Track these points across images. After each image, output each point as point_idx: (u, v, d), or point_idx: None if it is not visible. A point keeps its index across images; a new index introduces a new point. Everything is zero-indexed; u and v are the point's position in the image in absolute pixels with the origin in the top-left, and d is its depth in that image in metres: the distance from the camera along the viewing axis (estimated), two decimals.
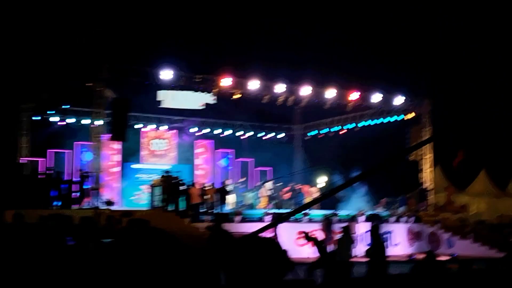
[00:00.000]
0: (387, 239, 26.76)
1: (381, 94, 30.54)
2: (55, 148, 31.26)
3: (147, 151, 34.15)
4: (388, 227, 27.04)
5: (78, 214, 18.92)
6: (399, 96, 31.00)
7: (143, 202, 30.32)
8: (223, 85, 27.35)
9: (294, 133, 39.05)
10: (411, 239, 27.92)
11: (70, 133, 31.33)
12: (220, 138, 36.35)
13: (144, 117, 33.76)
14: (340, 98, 30.01)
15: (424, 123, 32.01)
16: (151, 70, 26.34)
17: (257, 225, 21.49)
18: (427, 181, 32.17)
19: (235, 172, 35.62)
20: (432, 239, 28.16)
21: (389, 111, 32.47)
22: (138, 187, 32.40)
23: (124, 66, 25.75)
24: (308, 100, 29.75)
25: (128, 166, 32.71)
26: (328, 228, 24.27)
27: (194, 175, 33.26)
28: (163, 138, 34.68)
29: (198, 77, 26.84)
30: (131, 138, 29.27)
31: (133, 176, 32.79)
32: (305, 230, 12.91)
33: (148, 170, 32.61)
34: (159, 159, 34.08)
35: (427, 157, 32.24)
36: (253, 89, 28.09)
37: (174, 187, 25.19)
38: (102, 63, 24.86)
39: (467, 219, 30.01)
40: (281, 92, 28.68)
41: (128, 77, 25.84)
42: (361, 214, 27.11)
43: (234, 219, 24.39)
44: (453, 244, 27.19)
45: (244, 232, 21.00)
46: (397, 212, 29.74)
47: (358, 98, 30.04)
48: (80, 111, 31.40)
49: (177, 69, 26.75)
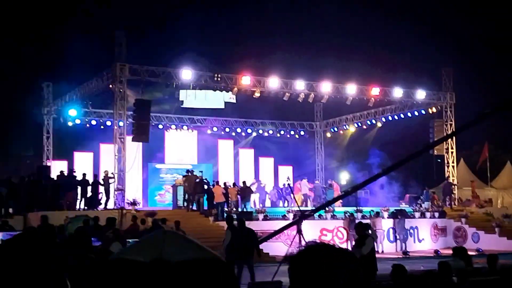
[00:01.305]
0: (411, 234, 26.61)
1: (401, 89, 30.29)
2: (79, 150, 31.55)
3: (169, 151, 34.34)
4: (413, 222, 26.86)
5: (104, 214, 19.19)
6: (421, 90, 30.71)
7: (166, 202, 30.51)
8: (243, 83, 27.35)
9: (315, 130, 38.91)
10: (436, 235, 27.69)
11: (94, 134, 31.61)
12: (241, 137, 36.41)
13: (165, 117, 33.93)
14: (361, 94, 29.83)
15: (448, 117, 31.68)
16: (172, 70, 26.44)
17: (280, 223, 21.49)
18: (452, 176, 31.85)
19: (257, 171, 35.65)
20: (458, 234, 27.91)
21: (411, 105, 32.19)
22: (162, 187, 32.61)
23: (144, 67, 25.89)
24: (328, 97, 29.61)
25: (151, 166, 32.93)
26: (350, 225, 24.19)
27: (216, 174, 33.36)
28: (185, 138, 34.83)
29: (218, 76, 26.86)
30: (153, 138, 29.45)
31: (157, 176, 33.00)
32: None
33: (171, 170, 32.80)
34: (182, 158, 34.24)
35: (451, 151, 31.90)
36: (273, 87, 28.05)
37: (197, 186, 25.28)
38: (122, 65, 25.02)
39: (493, 213, 29.66)
40: (301, 89, 28.60)
41: (149, 78, 25.97)
42: (386, 210, 26.95)
43: (257, 217, 24.41)
44: (479, 239, 26.91)
45: (268, 230, 21.03)
46: (421, 207, 29.50)
47: (378, 93, 29.82)
48: (102, 113, 31.65)
49: (197, 69, 26.83)
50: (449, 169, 31.92)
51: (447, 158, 31.95)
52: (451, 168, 31.90)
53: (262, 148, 36.67)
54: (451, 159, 31.89)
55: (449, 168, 31.93)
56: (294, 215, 24.03)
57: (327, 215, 25.62)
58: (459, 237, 27.71)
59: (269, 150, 36.91)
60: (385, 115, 33.68)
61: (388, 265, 11.52)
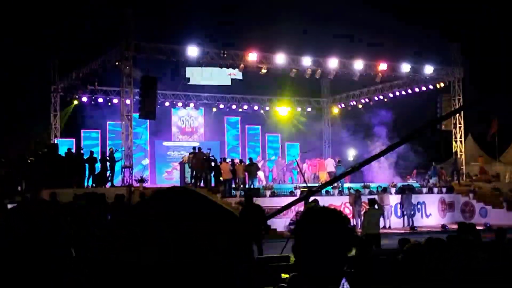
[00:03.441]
0: (419, 209, 26.66)
1: (409, 65, 30.08)
2: (86, 128, 31.64)
3: (177, 128, 34.39)
4: (420, 198, 26.90)
5: (112, 192, 19.29)
6: (429, 65, 30.50)
7: (174, 179, 30.62)
8: (249, 60, 27.23)
9: (322, 106, 38.80)
10: (444, 210, 27.72)
11: (101, 112, 31.66)
12: (248, 114, 36.35)
13: (172, 94, 33.90)
14: (368, 70, 29.66)
15: (455, 92, 31.49)
16: (178, 47, 26.34)
17: (288, 199, 21.56)
18: (460, 151, 31.76)
19: (264, 148, 35.70)
20: (465, 209, 27.93)
21: (419, 80, 32.00)
22: (169, 164, 32.71)
23: (151, 44, 25.80)
24: (335, 73, 29.46)
25: (159, 144, 33.00)
26: (356, 201, 24.25)
27: (223, 151, 33.42)
28: (191, 115, 34.85)
29: (225, 52, 26.74)
30: (161, 116, 29.46)
31: (164, 154, 33.10)
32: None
33: (178, 148, 32.88)
34: (189, 136, 34.30)
35: (459, 126, 31.76)
36: (279, 63, 27.92)
37: (204, 163, 25.35)
38: (129, 42, 24.94)
39: (501, 188, 29.63)
40: (308, 65, 28.46)
41: (155, 55, 25.88)
42: (393, 186, 26.97)
43: (265, 193, 24.49)
44: (487, 214, 26.93)
45: (275, 206, 21.11)
46: (429, 182, 29.50)
47: (386, 69, 29.64)
48: (109, 91, 31.64)
49: (203, 46, 26.71)
50: (457, 144, 31.83)
51: (455, 133, 31.83)
52: (459, 143, 31.80)
53: (269, 125, 36.63)
54: (458, 134, 31.77)
55: (457, 143, 31.83)
56: (301, 191, 24.08)
57: (334, 191, 25.68)
58: (467, 212, 27.74)
59: (276, 127, 36.88)
60: (393, 90, 33.52)
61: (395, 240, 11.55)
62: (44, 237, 1.27)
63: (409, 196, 25.71)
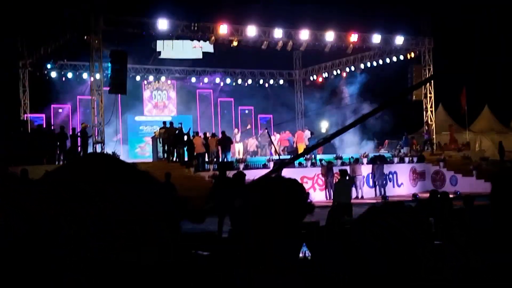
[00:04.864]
0: (391, 179, 27.00)
1: (380, 35, 30.17)
2: (56, 103, 31.23)
3: (148, 103, 34.13)
4: (392, 167, 27.21)
5: None
6: (399, 36, 30.63)
7: (147, 154, 30.49)
8: (220, 32, 27.02)
9: (294, 78, 38.81)
10: (415, 179, 28.11)
11: (70, 87, 31.25)
12: (220, 87, 36.19)
13: (143, 68, 33.56)
14: (339, 41, 29.67)
15: (426, 62, 31.73)
16: (148, 21, 26.00)
17: (261, 171, 21.62)
18: (430, 120, 32.13)
19: (237, 121, 35.65)
20: (436, 178, 28.35)
21: (390, 51, 32.14)
22: (142, 139, 32.52)
23: (120, 17, 25.40)
24: (307, 45, 29.41)
25: (131, 119, 32.73)
26: (328, 172, 24.46)
27: (196, 125, 33.30)
28: (163, 90, 34.58)
29: (195, 25, 26.48)
30: (132, 91, 29.16)
31: (136, 129, 32.86)
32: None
33: (151, 122, 32.66)
34: (161, 110, 34.07)
35: (430, 96, 32.08)
36: (251, 36, 27.77)
37: (176, 138, 25.26)
38: (97, 15, 24.52)
39: (471, 156, 30.11)
40: (279, 37, 28.35)
41: (124, 28, 25.51)
42: (365, 156, 27.22)
43: (238, 166, 24.52)
44: (457, 182, 27.39)
45: (248, 179, 21.17)
46: (400, 152, 29.84)
47: (357, 40, 29.68)
48: (78, 66, 31.20)
49: (173, 18, 26.40)
50: (427, 114, 32.17)
51: (426, 103, 32.15)
52: (430, 113, 32.15)
53: (241, 98, 36.57)
54: (429, 104, 32.10)
55: (427, 113, 32.17)
56: (274, 163, 24.18)
57: (307, 163, 25.83)
58: (437, 180, 28.16)
59: (249, 99, 36.84)
60: (364, 61, 33.64)
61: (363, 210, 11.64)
62: (44, 237, 1.27)
63: (380, 166, 25.99)
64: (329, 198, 23.27)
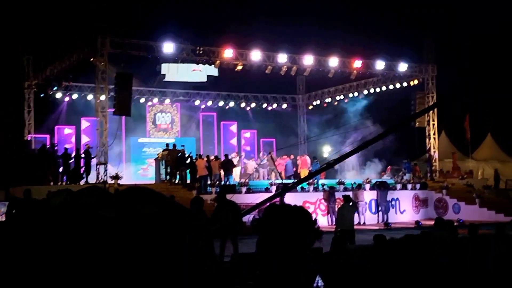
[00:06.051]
0: (393, 206, 26.91)
1: (383, 62, 30.31)
2: (60, 124, 31.33)
3: (152, 125, 34.22)
4: (394, 194, 27.13)
5: None
6: (403, 62, 30.77)
7: (149, 176, 30.47)
8: (225, 56, 27.18)
9: (297, 103, 38.93)
10: (418, 206, 28.01)
11: (75, 109, 31.36)
12: (224, 110, 36.29)
13: (147, 91, 33.72)
14: (343, 67, 29.81)
15: (429, 90, 31.83)
16: (153, 44, 26.19)
17: (263, 195, 21.59)
18: (433, 148, 32.11)
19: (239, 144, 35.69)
20: (439, 205, 28.25)
21: (393, 78, 32.27)
22: (145, 161, 32.53)
23: (126, 40, 25.59)
24: (311, 70, 29.55)
25: (134, 141, 32.79)
26: (330, 197, 24.42)
27: (199, 147, 33.34)
28: (167, 112, 34.70)
29: (200, 49, 26.65)
30: (136, 113, 29.26)
31: (139, 150, 32.90)
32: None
33: (154, 144, 32.70)
34: (164, 133, 34.15)
35: (433, 123, 32.10)
36: (255, 60, 27.93)
37: (179, 160, 25.27)
38: (103, 38, 24.70)
39: (473, 184, 30.03)
40: (283, 62, 28.51)
41: (130, 51, 25.68)
42: (368, 182, 27.17)
43: (240, 190, 24.49)
44: (460, 210, 27.28)
45: (250, 202, 21.12)
46: (403, 179, 29.78)
47: (361, 66, 29.82)
48: (83, 87, 31.37)
49: (178, 42, 26.58)
50: (430, 141, 32.17)
51: (429, 130, 32.16)
52: (433, 140, 32.15)
53: (245, 122, 36.63)
54: (432, 131, 32.11)
55: (430, 140, 32.17)
56: (277, 187, 24.15)
57: (309, 187, 25.79)
58: (440, 208, 28.07)
59: (252, 123, 36.91)
60: (368, 87, 33.75)
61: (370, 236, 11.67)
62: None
63: (383, 193, 25.92)
64: (331, 224, 23.20)
